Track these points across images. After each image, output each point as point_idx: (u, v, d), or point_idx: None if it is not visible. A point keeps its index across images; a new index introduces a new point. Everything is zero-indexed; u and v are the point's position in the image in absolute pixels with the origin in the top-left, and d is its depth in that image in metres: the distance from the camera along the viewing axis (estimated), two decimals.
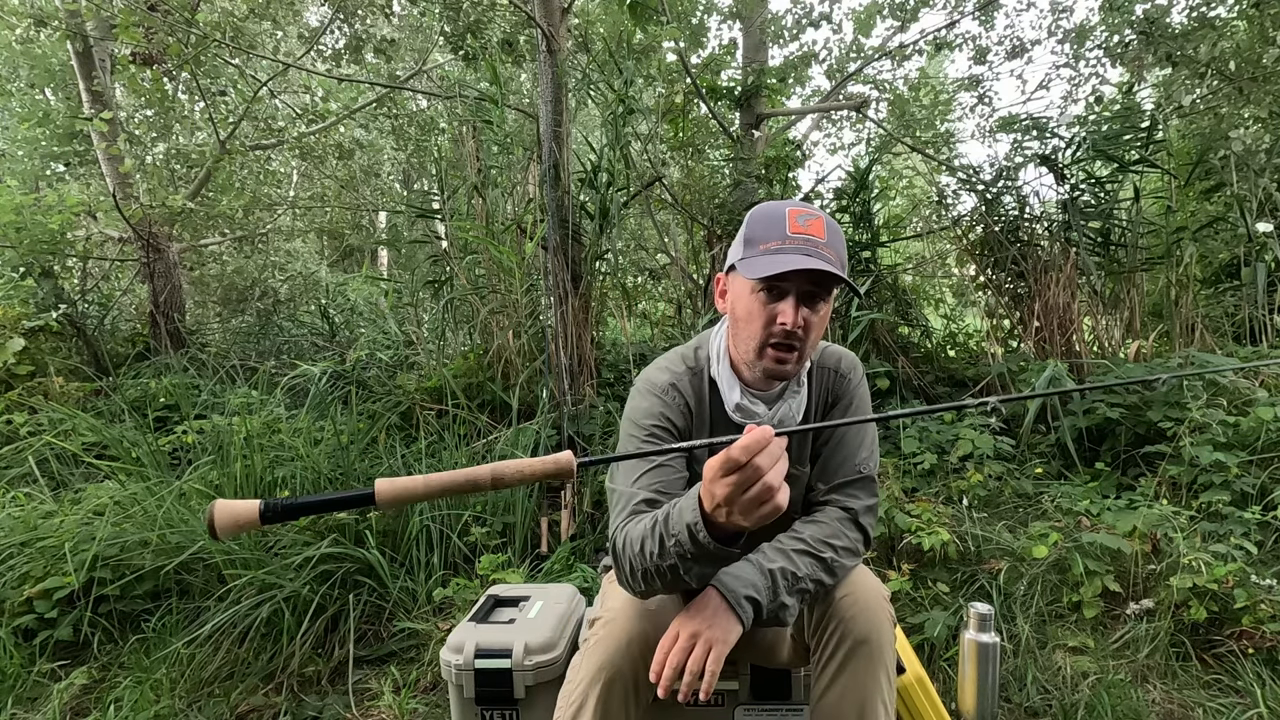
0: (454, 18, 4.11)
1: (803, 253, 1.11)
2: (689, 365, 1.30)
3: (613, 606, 1.16)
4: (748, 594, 1.06)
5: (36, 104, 7.54)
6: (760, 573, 1.09)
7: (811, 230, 1.14)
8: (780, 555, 1.12)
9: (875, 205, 4.07)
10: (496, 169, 3.77)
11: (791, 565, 1.11)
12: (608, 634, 1.11)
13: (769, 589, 1.08)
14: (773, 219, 1.15)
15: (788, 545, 1.14)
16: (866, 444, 1.28)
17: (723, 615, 1.05)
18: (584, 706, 1.08)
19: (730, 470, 0.85)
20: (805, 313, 1.14)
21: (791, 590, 1.10)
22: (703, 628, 1.03)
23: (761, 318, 1.16)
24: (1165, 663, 1.97)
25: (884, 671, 1.11)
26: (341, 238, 8.31)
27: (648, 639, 1.09)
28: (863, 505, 1.23)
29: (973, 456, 2.75)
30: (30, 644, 2.08)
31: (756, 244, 1.15)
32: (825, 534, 1.17)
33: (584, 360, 3.35)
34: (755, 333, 1.17)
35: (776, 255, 1.12)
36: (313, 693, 2.02)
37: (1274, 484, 2.37)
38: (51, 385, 3.82)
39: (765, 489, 0.84)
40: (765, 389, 1.25)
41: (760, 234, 1.15)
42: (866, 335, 3.49)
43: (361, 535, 2.40)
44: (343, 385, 3.60)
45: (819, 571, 1.12)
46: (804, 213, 1.15)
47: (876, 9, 5.92)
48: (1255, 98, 3.55)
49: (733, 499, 0.86)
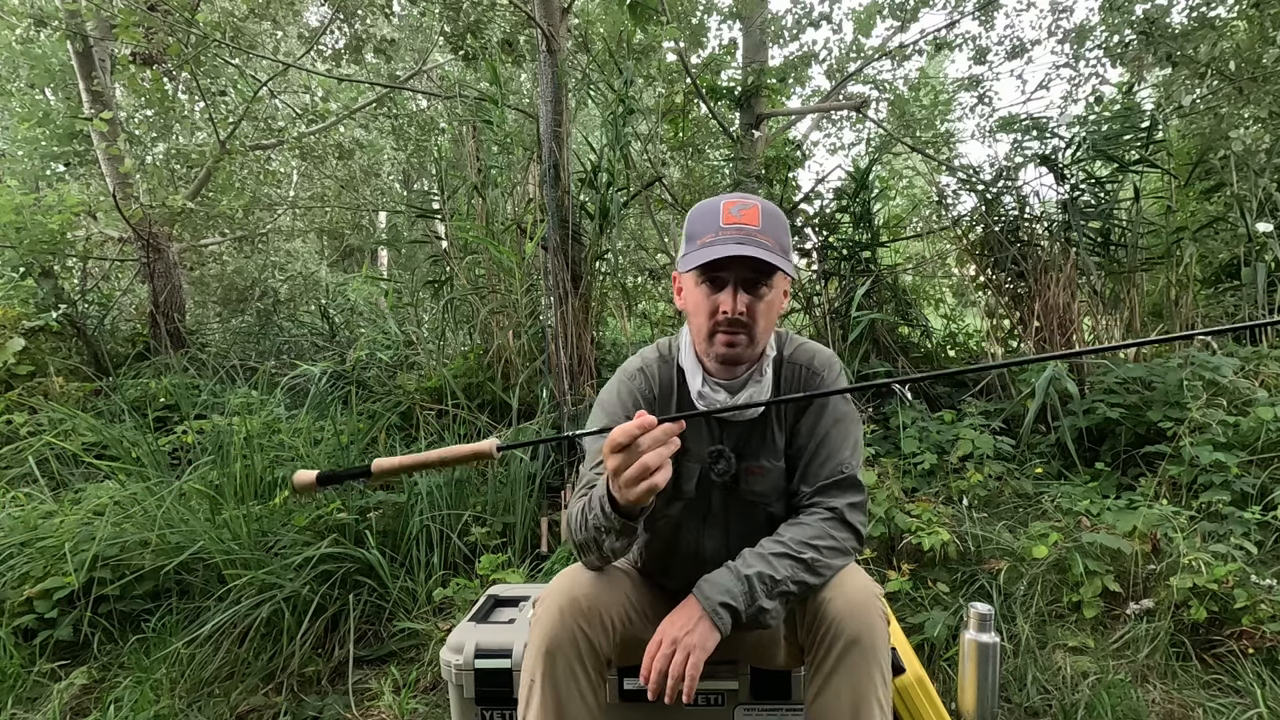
0: (454, 18, 4.11)
1: (736, 241, 1.14)
2: (661, 354, 1.34)
3: (547, 586, 1.22)
4: (722, 600, 1.10)
5: (36, 104, 7.53)
6: (736, 579, 1.12)
7: (745, 219, 1.16)
8: (759, 560, 1.14)
9: (875, 205, 4.07)
10: (496, 169, 3.77)
11: (770, 569, 1.12)
12: (542, 611, 1.17)
13: (745, 594, 1.10)
14: (708, 213, 1.19)
15: (767, 549, 1.16)
16: (849, 444, 1.27)
17: (701, 623, 1.09)
18: (534, 684, 1.13)
19: (615, 449, 0.98)
20: (746, 299, 1.16)
21: (771, 594, 1.11)
22: (681, 634, 1.09)
23: (706, 308, 1.19)
24: (1165, 663, 1.97)
25: (878, 670, 1.11)
26: (341, 238, 8.31)
27: (579, 606, 1.15)
28: (847, 503, 1.23)
29: (973, 456, 2.75)
30: (30, 644, 2.08)
31: (695, 239, 1.18)
32: (807, 535, 1.17)
33: (584, 360, 3.35)
34: (702, 323, 1.21)
35: (711, 247, 1.15)
36: (313, 693, 2.02)
37: (1274, 484, 2.37)
38: (51, 385, 3.82)
39: (642, 468, 0.96)
40: (727, 377, 1.25)
41: (698, 229, 1.19)
42: (866, 335, 3.49)
43: (361, 535, 2.41)
44: (343, 385, 3.60)
45: (800, 573, 1.13)
46: (738, 203, 1.18)
47: (876, 9, 5.92)
48: (1255, 98, 3.55)
49: (618, 474, 0.99)
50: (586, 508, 1.13)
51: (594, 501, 1.10)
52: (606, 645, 1.17)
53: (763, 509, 1.29)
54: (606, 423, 1.28)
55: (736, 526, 1.30)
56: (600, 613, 1.16)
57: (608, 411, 1.30)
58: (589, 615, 1.15)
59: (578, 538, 1.17)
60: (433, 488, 2.61)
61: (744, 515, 1.30)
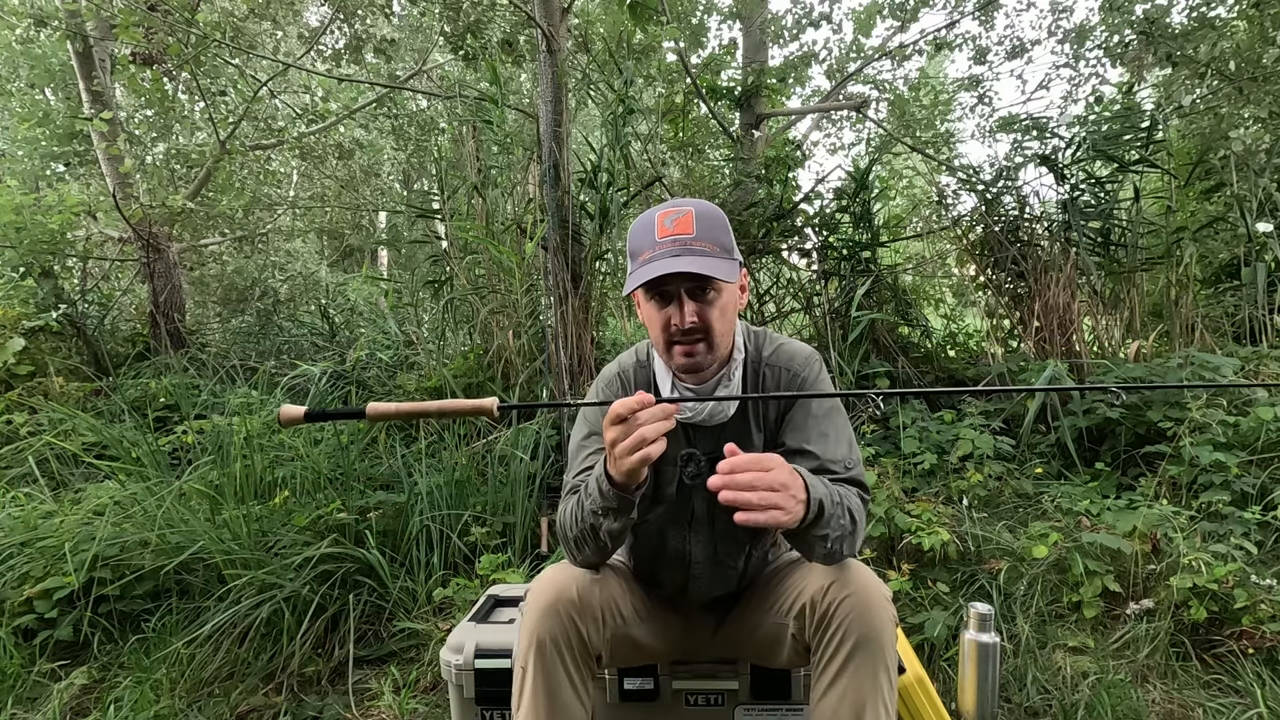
0: (454, 18, 4.11)
1: (671, 254, 1.13)
2: (639, 358, 1.35)
3: (538, 579, 1.23)
4: (819, 498, 1.05)
5: (36, 104, 7.53)
6: (825, 487, 1.10)
7: (679, 228, 1.15)
8: (832, 490, 1.11)
9: (875, 205, 4.07)
10: (496, 169, 3.77)
11: (834, 494, 1.11)
12: (533, 603, 1.18)
13: (829, 498, 1.08)
14: (645, 227, 1.18)
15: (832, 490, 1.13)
16: (844, 441, 1.24)
17: (800, 504, 1.02)
18: (526, 675, 1.14)
19: (615, 421, 1.02)
20: (694, 307, 1.16)
21: (840, 510, 1.10)
22: (790, 495, 1.00)
23: (659, 321, 1.19)
24: (1165, 663, 1.97)
25: (884, 672, 1.11)
26: (341, 238, 8.31)
27: (570, 598, 1.16)
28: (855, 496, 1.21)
29: (973, 456, 2.75)
30: (30, 644, 2.08)
31: (636, 256, 1.18)
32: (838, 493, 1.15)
33: (584, 360, 3.35)
34: (658, 336, 1.21)
35: (649, 264, 1.14)
36: (313, 693, 2.02)
37: (1274, 484, 2.37)
38: (51, 385, 3.82)
39: (639, 438, 1.00)
40: (695, 383, 1.25)
41: (637, 245, 1.19)
42: (866, 335, 3.49)
43: (361, 535, 2.41)
44: (343, 385, 3.61)
45: (845, 517, 1.11)
46: (672, 213, 1.17)
47: (876, 9, 5.93)
48: (1255, 98, 3.55)
49: (614, 444, 1.02)
50: (579, 500, 1.16)
51: (589, 488, 1.13)
52: (597, 639, 1.18)
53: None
54: (588, 429, 1.31)
55: (722, 528, 1.30)
56: (592, 606, 1.17)
57: (588, 418, 1.33)
58: (580, 608, 1.16)
59: (571, 533, 1.19)
60: (433, 488, 2.61)
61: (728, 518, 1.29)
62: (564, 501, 1.24)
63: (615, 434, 1.02)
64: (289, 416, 1.06)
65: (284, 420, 1.06)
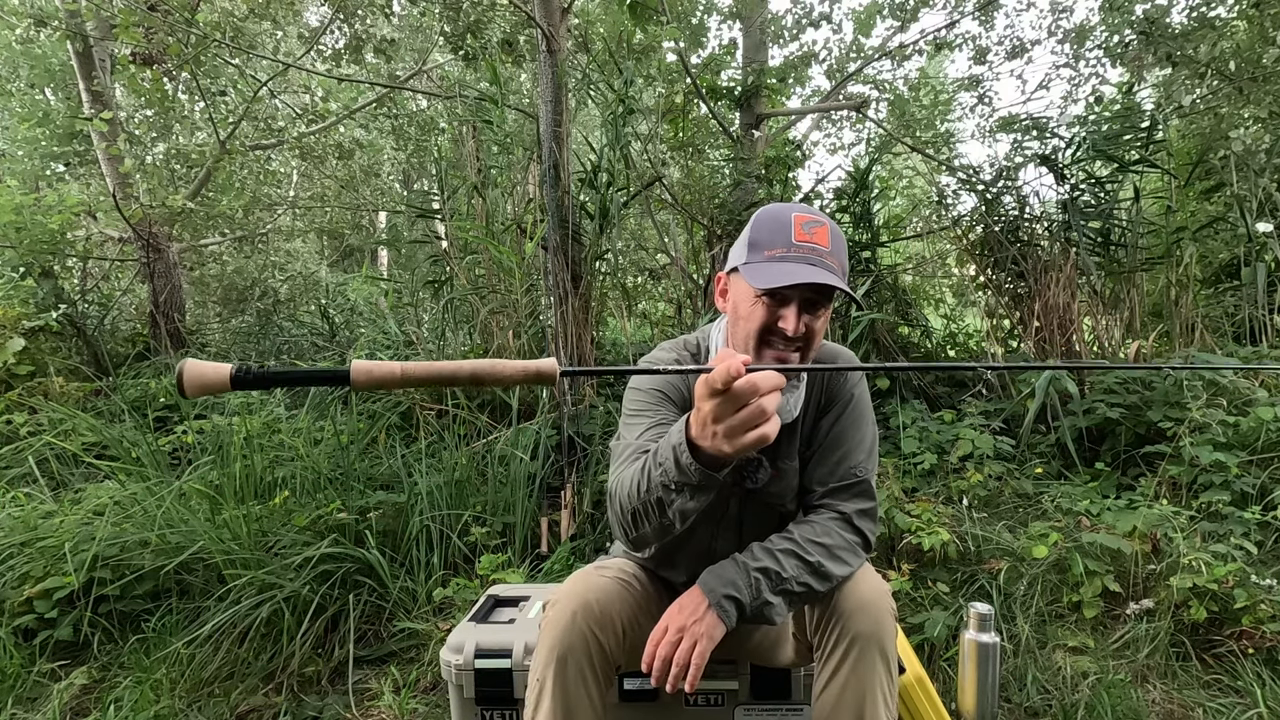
0: (454, 18, 4.11)
1: (808, 263, 1.12)
2: (691, 352, 1.33)
3: (559, 588, 1.20)
4: (727, 593, 1.09)
5: (36, 104, 7.54)
6: (743, 572, 1.11)
7: (816, 239, 1.14)
8: (766, 555, 1.13)
9: (875, 205, 4.07)
10: (496, 169, 3.77)
11: (776, 565, 1.11)
12: (555, 615, 1.15)
13: (750, 588, 1.09)
14: (778, 224, 1.15)
15: (776, 545, 1.15)
16: (865, 447, 1.27)
17: (708, 613, 1.08)
18: (544, 689, 1.11)
19: (717, 392, 0.82)
20: (807, 319, 1.15)
21: (775, 590, 1.10)
22: (688, 622, 1.07)
23: (763, 319, 1.15)
24: (1165, 663, 1.97)
25: (885, 668, 1.12)
26: (341, 238, 8.31)
27: (591, 610, 1.14)
28: (857, 509, 1.22)
29: (973, 456, 2.75)
30: (30, 644, 2.08)
31: (761, 249, 1.15)
32: (815, 534, 1.17)
33: (584, 360, 3.35)
34: (752, 333, 1.17)
35: (781, 264, 1.12)
36: (313, 693, 2.02)
37: (1274, 484, 2.37)
38: (51, 385, 3.82)
39: (759, 410, 0.82)
40: None
41: (765, 239, 1.15)
42: (866, 335, 3.49)
43: (361, 535, 2.41)
44: (343, 385, 3.59)
45: (805, 574, 1.12)
46: (810, 219, 1.15)
47: (876, 9, 5.92)
48: (1255, 98, 3.55)
49: (721, 418, 0.84)
50: (645, 470, 1.01)
51: (662, 456, 0.97)
52: (616, 650, 1.16)
53: (777, 509, 1.29)
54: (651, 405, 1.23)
55: (750, 527, 1.30)
56: (612, 617, 1.15)
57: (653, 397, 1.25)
58: (601, 620, 1.14)
59: (630, 505, 1.05)
60: (433, 488, 2.61)
61: (759, 516, 1.30)
62: (621, 467, 1.13)
63: (720, 407, 0.83)
64: (200, 381, 0.70)
65: (189, 384, 0.70)
